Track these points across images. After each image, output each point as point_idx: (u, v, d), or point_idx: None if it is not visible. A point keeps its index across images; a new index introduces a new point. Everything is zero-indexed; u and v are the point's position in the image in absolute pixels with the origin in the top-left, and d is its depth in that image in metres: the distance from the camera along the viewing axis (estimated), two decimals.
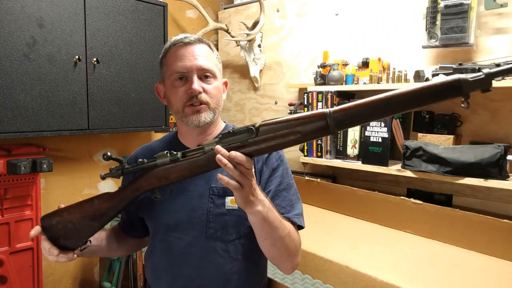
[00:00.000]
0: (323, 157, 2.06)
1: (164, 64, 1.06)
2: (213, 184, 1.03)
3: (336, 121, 0.73)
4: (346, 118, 0.73)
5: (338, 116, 0.73)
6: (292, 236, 0.97)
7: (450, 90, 0.67)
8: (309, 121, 0.75)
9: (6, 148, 1.96)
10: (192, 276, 1.02)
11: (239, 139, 0.81)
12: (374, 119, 0.75)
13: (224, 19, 2.86)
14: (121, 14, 2.12)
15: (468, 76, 0.65)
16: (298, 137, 0.77)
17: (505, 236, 1.48)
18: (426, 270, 1.38)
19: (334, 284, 1.42)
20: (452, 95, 0.68)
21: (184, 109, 1.01)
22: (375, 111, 0.71)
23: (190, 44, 1.02)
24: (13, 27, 1.75)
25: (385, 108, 0.71)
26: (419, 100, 0.69)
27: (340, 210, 2.05)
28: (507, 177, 1.52)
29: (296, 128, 0.76)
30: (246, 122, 2.77)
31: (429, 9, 1.70)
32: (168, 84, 1.05)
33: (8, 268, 1.90)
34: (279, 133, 0.78)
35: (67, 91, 1.93)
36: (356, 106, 0.72)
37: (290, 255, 0.98)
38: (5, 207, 1.91)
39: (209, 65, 1.03)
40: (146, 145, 1.21)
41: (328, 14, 2.26)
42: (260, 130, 0.79)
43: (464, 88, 0.66)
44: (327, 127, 0.74)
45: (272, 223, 0.89)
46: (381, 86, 1.88)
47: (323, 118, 0.74)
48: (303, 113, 0.77)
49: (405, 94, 0.69)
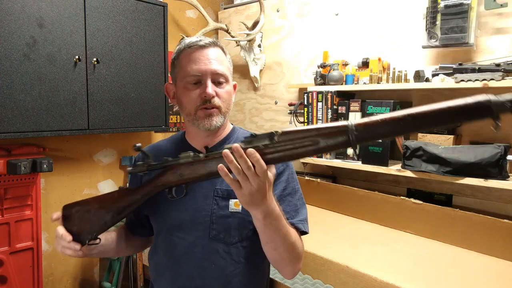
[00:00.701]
0: (323, 157, 2.06)
1: (177, 65, 1.06)
2: (218, 186, 1.04)
3: (357, 137, 0.72)
4: (369, 135, 0.72)
5: (360, 132, 0.71)
6: (296, 243, 0.97)
7: (480, 111, 0.64)
8: (331, 133, 0.74)
9: (6, 148, 1.96)
10: (193, 275, 1.02)
11: (260, 143, 0.80)
12: (397, 136, 0.73)
13: (224, 19, 2.86)
14: (121, 14, 2.12)
15: (501, 98, 0.62)
16: (318, 147, 0.76)
17: (505, 236, 1.48)
18: (426, 270, 1.38)
19: (334, 284, 1.42)
20: (482, 117, 0.65)
21: (197, 112, 1.02)
22: (398, 128, 0.69)
23: (205, 47, 1.02)
24: (13, 27, 1.75)
25: (409, 126, 0.69)
26: (445, 120, 0.67)
27: (340, 210, 2.05)
28: (507, 177, 1.52)
29: (317, 138, 0.75)
30: (246, 122, 2.77)
31: (429, 9, 1.70)
32: (180, 86, 1.04)
33: (8, 268, 1.90)
34: (298, 142, 0.77)
35: (67, 91, 1.93)
36: (380, 123, 0.70)
37: (292, 261, 0.99)
38: (5, 207, 1.91)
39: (223, 70, 1.03)
40: (154, 144, 1.22)
41: (328, 14, 2.26)
42: (281, 137, 0.78)
43: (495, 110, 0.63)
44: (348, 141, 0.73)
45: (277, 231, 0.89)
46: (381, 86, 1.88)
47: (345, 132, 0.73)
48: (325, 125, 0.76)
49: (431, 112, 0.67)
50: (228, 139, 1.12)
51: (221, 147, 1.09)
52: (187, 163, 0.89)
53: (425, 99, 1.89)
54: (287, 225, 0.93)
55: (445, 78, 1.66)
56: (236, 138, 1.13)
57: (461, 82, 1.58)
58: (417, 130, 0.71)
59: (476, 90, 1.71)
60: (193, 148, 1.10)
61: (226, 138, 1.12)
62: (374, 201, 1.88)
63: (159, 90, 2.34)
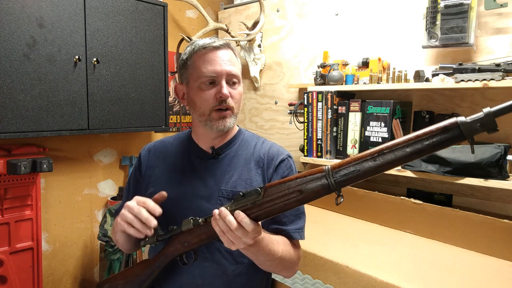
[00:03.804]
0: (323, 157, 2.06)
1: (190, 66, 1.05)
2: (223, 187, 1.04)
3: (337, 182, 0.73)
4: (345, 180, 0.73)
5: (338, 178, 0.73)
6: (284, 256, 0.98)
7: (449, 137, 0.63)
8: (310, 179, 0.76)
9: (6, 148, 1.96)
10: (195, 274, 1.03)
11: (248, 201, 0.82)
12: (373, 175, 0.72)
13: (224, 19, 2.86)
14: (121, 14, 2.12)
15: (467, 118, 0.61)
16: (301, 196, 0.77)
17: (505, 236, 1.48)
18: (426, 270, 1.38)
19: (334, 284, 1.42)
20: (454, 141, 0.64)
21: (211, 113, 1.02)
22: (369, 171, 0.71)
23: (219, 49, 1.03)
24: (13, 27, 1.75)
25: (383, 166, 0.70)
26: (417, 153, 0.67)
27: (340, 210, 2.05)
28: (507, 177, 1.52)
29: (298, 187, 0.77)
30: (246, 122, 2.77)
31: (429, 9, 1.70)
32: (194, 86, 1.05)
33: (8, 268, 1.90)
34: (282, 193, 0.79)
35: (67, 91, 1.93)
36: (351, 164, 0.71)
37: (284, 270, 1.03)
38: (5, 207, 1.91)
39: (236, 71, 1.04)
40: (161, 139, 1.22)
41: (328, 14, 2.26)
42: (266, 192, 0.80)
43: (465, 133, 0.62)
44: (328, 187, 0.74)
45: (258, 254, 0.91)
46: (381, 86, 1.88)
47: (323, 177, 0.75)
48: (303, 172, 0.78)
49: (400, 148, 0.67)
50: (234, 140, 1.13)
51: (227, 148, 1.10)
52: (188, 230, 0.92)
53: (425, 99, 1.89)
54: (271, 243, 0.93)
55: (445, 78, 1.66)
56: (241, 140, 1.14)
57: (461, 82, 1.58)
58: (394, 166, 0.70)
59: (476, 90, 1.72)
60: (200, 148, 1.11)
61: (232, 140, 1.13)
62: (374, 201, 1.88)
63: (159, 90, 2.34)
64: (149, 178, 1.14)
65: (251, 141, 1.14)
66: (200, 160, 1.10)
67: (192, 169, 1.09)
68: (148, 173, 1.15)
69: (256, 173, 1.07)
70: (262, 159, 1.09)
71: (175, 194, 1.05)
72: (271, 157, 1.09)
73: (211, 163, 1.09)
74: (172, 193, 1.04)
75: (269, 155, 1.09)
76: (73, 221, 2.34)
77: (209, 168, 1.08)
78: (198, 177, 1.07)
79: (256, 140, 1.15)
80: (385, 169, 0.70)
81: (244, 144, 1.13)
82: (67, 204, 2.31)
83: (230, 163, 1.08)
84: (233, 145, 1.12)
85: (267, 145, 1.13)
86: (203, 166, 1.09)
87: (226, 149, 1.11)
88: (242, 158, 1.09)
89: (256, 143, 1.13)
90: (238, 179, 1.06)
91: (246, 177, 1.06)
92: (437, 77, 1.68)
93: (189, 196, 1.05)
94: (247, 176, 1.06)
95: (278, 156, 1.10)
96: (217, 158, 1.09)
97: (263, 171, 1.08)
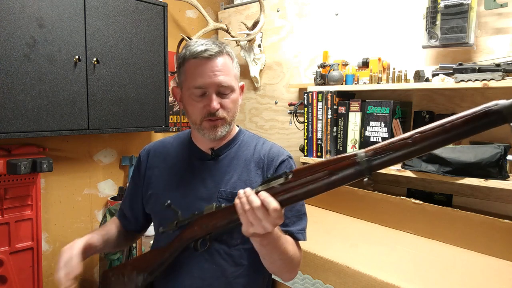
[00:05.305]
0: (323, 157, 2.06)
1: (182, 73, 1.05)
2: (222, 188, 1.04)
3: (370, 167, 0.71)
4: (379, 164, 0.71)
5: (372, 162, 0.71)
6: (294, 256, 0.98)
7: (489, 121, 0.62)
8: (342, 164, 0.74)
9: (6, 148, 1.96)
10: (194, 276, 1.03)
11: (276, 183, 0.81)
12: (409, 158, 0.71)
13: (224, 19, 2.86)
14: (121, 14, 2.12)
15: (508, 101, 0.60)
16: (331, 179, 0.75)
17: (505, 236, 1.48)
18: (426, 270, 1.38)
19: (334, 284, 1.42)
20: (494, 125, 0.63)
21: (202, 122, 1.03)
22: (408, 154, 0.69)
23: (210, 59, 1.00)
24: (13, 27, 1.75)
25: (422, 149, 0.68)
26: (457, 136, 0.67)
27: (340, 210, 2.05)
28: (507, 177, 1.52)
29: (328, 170, 0.75)
30: (246, 122, 2.77)
31: (429, 9, 1.70)
32: (185, 95, 1.05)
33: (8, 268, 1.90)
34: (311, 178, 0.77)
35: (67, 91, 1.93)
36: (389, 149, 0.70)
37: (289, 271, 1.01)
38: (5, 207, 1.90)
39: (228, 81, 1.02)
40: (160, 140, 1.22)
41: (328, 14, 2.26)
42: (295, 175, 0.79)
43: (508, 116, 0.61)
44: (361, 171, 0.72)
45: (275, 249, 0.91)
46: (381, 86, 1.88)
47: (354, 164, 0.72)
48: (334, 157, 0.76)
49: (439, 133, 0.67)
50: (233, 141, 1.13)
51: (226, 149, 1.10)
52: (209, 214, 0.92)
53: (425, 99, 1.90)
54: (285, 242, 0.94)
55: (445, 78, 1.66)
56: (241, 141, 1.14)
57: (461, 82, 1.58)
58: (432, 149, 0.69)
59: (476, 90, 1.72)
60: (199, 150, 1.11)
61: (232, 141, 1.13)
62: (374, 201, 1.88)
63: (159, 90, 2.34)
64: (149, 179, 1.14)
65: (251, 142, 1.14)
66: (199, 162, 1.10)
67: (191, 170, 1.09)
68: (148, 174, 1.15)
69: (256, 174, 1.07)
70: (262, 160, 1.09)
71: (175, 195, 1.05)
72: (271, 158, 1.09)
73: (211, 164, 1.09)
74: (172, 194, 1.04)
75: (269, 156, 1.09)
76: (73, 221, 2.34)
77: (208, 169, 1.08)
78: (197, 178, 1.07)
79: (256, 141, 1.15)
80: (417, 154, 0.70)
81: (244, 145, 1.12)
82: (67, 204, 2.31)
83: (229, 164, 1.08)
84: (233, 146, 1.11)
85: (267, 146, 1.13)
86: (202, 168, 1.09)
87: (226, 150, 1.10)
88: (242, 159, 1.09)
89: (256, 144, 1.13)
90: (238, 180, 1.06)
91: (246, 178, 1.06)
92: (437, 77, 1.68)
93: (188, 197, 1.05)
94: (247, 177, 1.06)
95: (278, 157, 1.10)
96: (217, 159, 1.09)
97: (263, 172, 1.08)
